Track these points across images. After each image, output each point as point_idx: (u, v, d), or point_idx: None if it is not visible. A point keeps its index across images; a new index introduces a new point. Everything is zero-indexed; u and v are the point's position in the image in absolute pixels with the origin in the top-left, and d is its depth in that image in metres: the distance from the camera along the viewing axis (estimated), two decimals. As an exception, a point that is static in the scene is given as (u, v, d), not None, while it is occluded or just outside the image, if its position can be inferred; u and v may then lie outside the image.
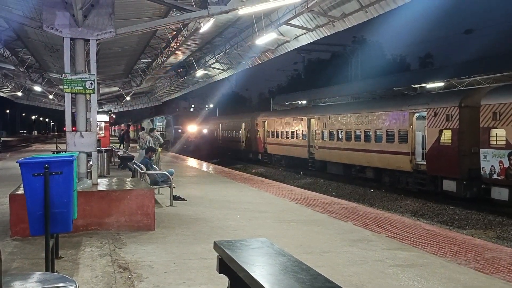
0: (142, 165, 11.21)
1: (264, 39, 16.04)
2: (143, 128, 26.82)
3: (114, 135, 66.35)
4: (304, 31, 16.62)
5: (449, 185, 16.56)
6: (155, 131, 18.10)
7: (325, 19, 15.16)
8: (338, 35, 17.94)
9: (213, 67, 26.04)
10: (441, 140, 16.91)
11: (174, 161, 24.18)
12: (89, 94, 8.33)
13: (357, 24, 14.47)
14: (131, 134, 39.40)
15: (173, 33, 17.32)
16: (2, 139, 25.21)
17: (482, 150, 14.99)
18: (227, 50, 20.83)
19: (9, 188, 8.94)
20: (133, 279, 5.25)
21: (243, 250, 3.87)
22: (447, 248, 6.68)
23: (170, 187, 10.51)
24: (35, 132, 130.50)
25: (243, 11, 10.40)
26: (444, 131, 16.80)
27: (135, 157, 17.57)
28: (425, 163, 17.87)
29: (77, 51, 8.34)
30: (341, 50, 49.96)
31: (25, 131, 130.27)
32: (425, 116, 17.95)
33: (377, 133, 20.85)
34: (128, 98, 36.95)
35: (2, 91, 37.27)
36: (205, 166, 22.10)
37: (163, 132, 43.84)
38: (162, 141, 20.25)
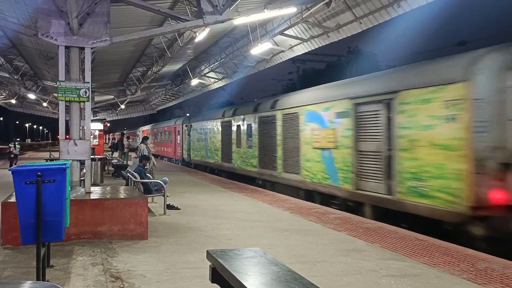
0: (136, 174, 11.19)
1: (259, 49, 16.14)
2: (126, 136, 32.54)
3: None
4: (299, 41, 16.76)
5: None
6: (148, 140, 18.03)
7: (320, 30, 15.31)
8: (333, 45, 18.08)
9: (208, 76, 26.14)
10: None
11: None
12: (83, 102, 8.33)
13: (352, 35, 14.62)
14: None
15: (169, 42, 17.39)
16: (19, 146, 25.74)
17: None
18: (222, 60, 20.93)
19: (1, 196, 8.87)
20: (125, 289, 5.21)
21: (236, 260, 3.86)
22: (440, 258, 6.69)
23: (163, 195, 10.49)
24: (29, 140, 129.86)
25: (238, 21, 10.49)
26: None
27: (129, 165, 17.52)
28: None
29: (71, 59, 8.36)
30: (336, 60, 50.24)
31: (18, 139, 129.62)
32: None
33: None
34: (122, 106, 36.95)
35: (-4, 99, 37.18)
36: (198, 175, 22.04)
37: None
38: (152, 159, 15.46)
